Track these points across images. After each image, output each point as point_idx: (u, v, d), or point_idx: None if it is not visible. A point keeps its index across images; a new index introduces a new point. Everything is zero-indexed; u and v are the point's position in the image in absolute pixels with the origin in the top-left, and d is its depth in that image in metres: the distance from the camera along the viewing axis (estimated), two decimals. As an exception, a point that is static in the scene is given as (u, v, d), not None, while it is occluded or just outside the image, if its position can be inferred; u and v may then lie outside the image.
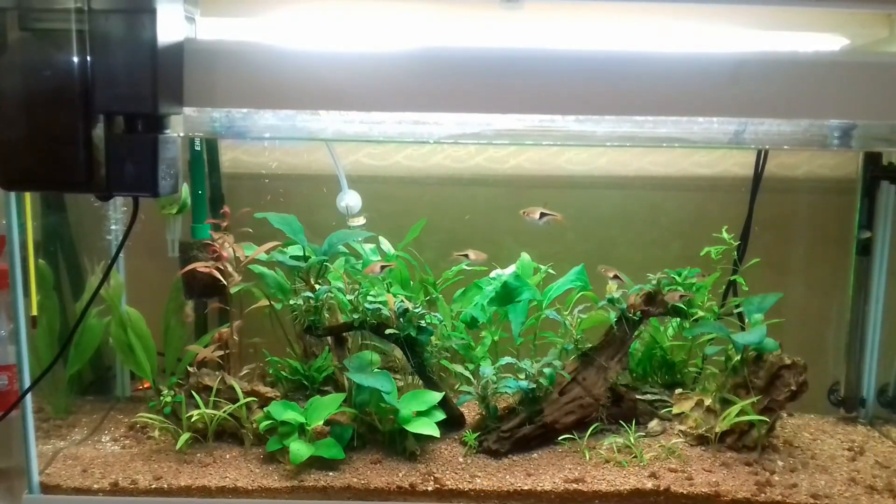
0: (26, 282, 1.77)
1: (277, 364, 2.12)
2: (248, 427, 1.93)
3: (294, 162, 2.34)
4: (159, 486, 1.78)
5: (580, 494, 1.77)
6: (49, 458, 1.89)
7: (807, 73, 1.48)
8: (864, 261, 2.19)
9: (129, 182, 1.39)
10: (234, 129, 1.56)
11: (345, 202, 2.24)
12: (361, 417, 1.94)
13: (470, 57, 1.48)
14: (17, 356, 1.75)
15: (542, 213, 1.96)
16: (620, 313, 2.01)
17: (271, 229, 2.09)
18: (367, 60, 1.47)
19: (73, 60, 1.32)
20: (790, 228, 2.38)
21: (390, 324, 1.94)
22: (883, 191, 2.15)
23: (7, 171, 1.40)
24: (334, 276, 2.14)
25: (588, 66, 1.48)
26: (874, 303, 2.17)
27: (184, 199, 2.10)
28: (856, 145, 1.58)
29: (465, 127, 1.56)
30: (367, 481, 1.79)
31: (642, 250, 2.35)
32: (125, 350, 2.10)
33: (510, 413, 1.98)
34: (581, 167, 2.38)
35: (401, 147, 2.36)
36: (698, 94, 1.49)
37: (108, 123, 1.37)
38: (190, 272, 2.03)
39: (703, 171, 2.38)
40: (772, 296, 2.06)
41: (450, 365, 2.13)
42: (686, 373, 2.22)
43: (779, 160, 2.34)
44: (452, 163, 2.38)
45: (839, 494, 1.79)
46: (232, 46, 1.48)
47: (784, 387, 1.93)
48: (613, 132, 1.55)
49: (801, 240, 2.38)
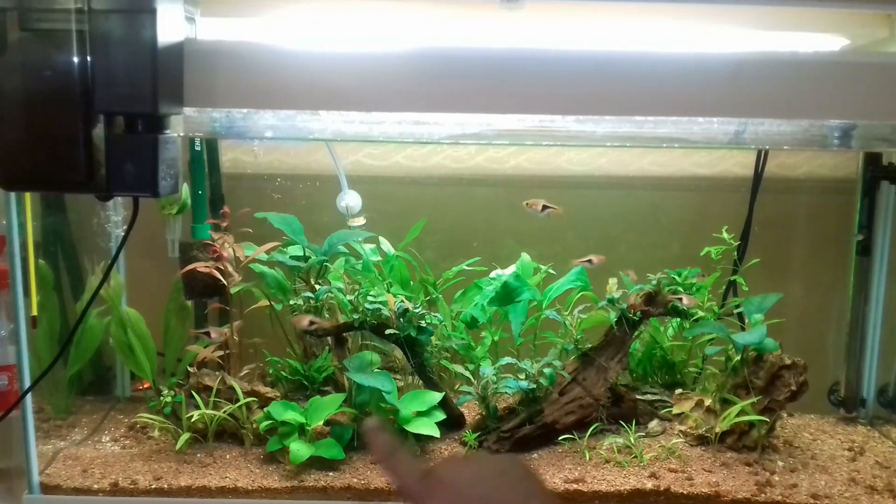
0: (26, 282, 1.77)
1: (277, 364, 2.12)
2: (248, 427, 1.93)
3: (294, 162, 2.34)
4: (159, 486, 1.78)
5: (580, 494, 1.77)
6: (49, 459, 1.89)
7: (807, 73, 1.48)
8: (865, 261, 2.19)
9: (129, 182, 1.39)
10: (235, 130, 1.56)
11: (345, 202, 2.24)
12: (362, 417, 1.94)
13: (470, 57, 1.47)
14: (17, 356, 1.74)
15: (544, 206, 1.97)
16: (620, 313, 2.01)
17: (272, 229, 2.09)
18: (367, 60, 1.47)
19: (74, 60, 1.32)
20: (790, 228, 2.38)
21: (390, 324, 1.94)
22: (883, 191, 2.15)
23: (7, 171, 1.39)
24: (334, 276, 2.14)
25: (588, 66, 1.48)
26: (874, 303, 2.17)
27: (184, 199, 2.10)
28: (856, 145, 1.58)
29: (465, 127, 1.56)
30: (367, 482, 1.79)
31: (642, 250, 2.35)
32: (125, 350, 2.10)
33: (510, 413, 1.98)
34: (581, 167, 2.38)
35: (401, 147, 2.36)
36: (698, 94, 1.49)
37: (109, 123, 1.36)
38: (190, 272, 2.03)
39: (704, 171, 2.38)
40: (772, 296, 2.06)
41: (450, 365, 2.13)
42: (686, 373, 2.22)
43: (779, 160, 2.34)
44: (452, 163, 2.38)
45: (839, 495, 1.79)
46: (232, 47, 1.48)
47: (784, 387, 1.93)
48: (614, 132, 1.55)
49: (801, 240, 2.37)
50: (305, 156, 2.34)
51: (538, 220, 2.02)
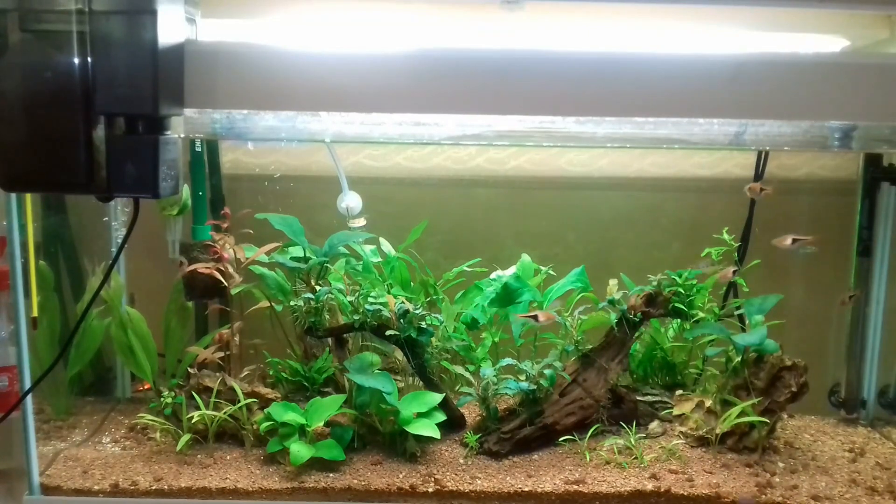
0: (27, 283, 1.77)
1: (278, 365, 2.12)
2: (248, 428, 1.93)
3: (294, 163, 2.34)
4: (160, 487, 1.78)
5: (581, 496, 1.77)
6: (49, 460, 1.89)
7: (807, 74, 1.48)
8: (865, 262, 2.19)
9: (129, 183, 1.39)
10: (235, 131, 1.56)
11: (345, 203, 2.24)
12: (362, 419, 1.94)
13: (470, 58, 1.48)
14: (17, 357, 1.75)
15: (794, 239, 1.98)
16: (621, 315, 2.01)
17: (272, 230, 2.09)
18: (367, 62, 1.47)
19: (74, 62, 1.33)
20: (791, 229, 2.37)
21: (391, 325, 1.94)
22: (883, 192, 2.15)
23: (8, 172, 1.40)
24: (335, 277, 2.14)
25: (588, 67, 1.48)
26: (875, 304, 2.17)
27: (184, 200, 2.10)
28: (856, 146, 1.58)
29: (465, 128, 1.56)
30: (367, 482, 1.79)
31: (643, 251, 2.35)
32: (126, 351, 2.10)
33: (511, 414, 1.98)
34: (582, 168, 2.38)
35: (401, 148, 2.36)
36: (699, 95, 1.49)
37: (109, 125, 1.36)
38: (191, 273, 2.03)
39: (704, 172, 2.38)
40: (772, 297, 2.06)
41: (450, 366, 2.13)
42: (687, 374, 2.22)
43: (779, 161, 2.34)
44: (453, 164, 2.38)
45: (840, 496, 1.78)
46: (232, 48, 1.48)
47: (785, 388, 1.93)
48: (614, 133, 1.55)
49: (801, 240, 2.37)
50: (306, 157, 2.34)
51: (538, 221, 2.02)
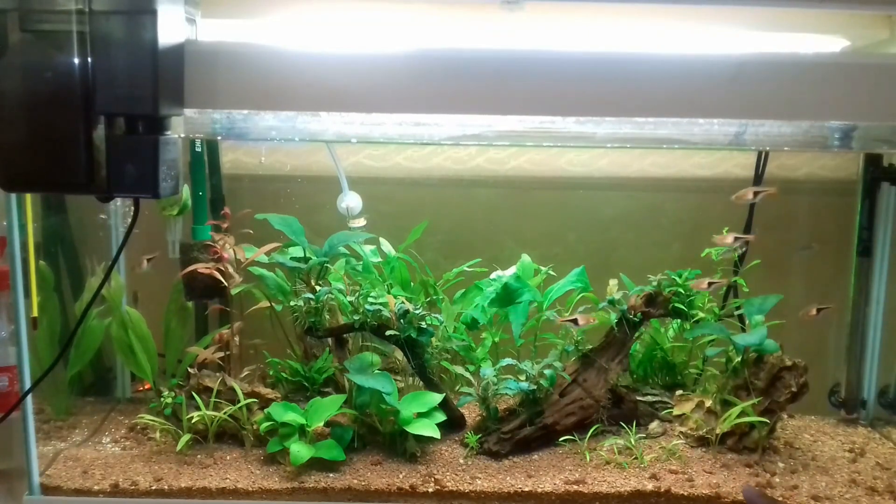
0: (27, 283, 1.77)
1: (278, 365, 2.12)
2: (248, 428, 1.93)
3: (295, 163, 2.34)
4: (160, 487, 1.78)
5: (581, 496, 1.77)
6: (49, 460, 1.89)
7: (807, 74, 1.48)
8: (865, 262, 2.19)
9: (129, 183, 1.39)
10: (235, 131, 1.56)
11: (345, 203, 2.24)
12: (362, 419, 1.94)
13: (470, 58, 1.48)
14: (17, 357, 1.75)
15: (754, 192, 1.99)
16: (621, 315, 2.01)
17: (272, 231, 2.09)
18: (367, 62, 1.47)
19: (74, 62, 1.32)
20: (791, 230, 2.38)
21: (391, 325, 1.94)
22: (883, 192, 2.15)
23: (8, 172, 1.39)
24: (335, 277, 2.14)
25: (588, 67, 1.48)
26: (875, 304, 2.17)
27: (184, 200, 2.10)
28: (856, 147, 1.58)
29: (465, 128, 1.56)
30: (367, 483, 1.79)
31: (643, 251, 2.35)
32: (126, 351, 2.10)
33: (511, 414, 1.98)
34: (582, 168, 2.38)
35: (401, 148, 2.36)
36: (699, 95, 1.49)
37: (109, 125, 1.36)
38: (191, 273, 2.03)
39: (704, 172, 2.38)
40: (772, 297, 2.06)
41: (450, 366, 2.13)
42: (687, 374, 2.21)
43: (779, 161, 2.34)
44: (453, 164, 2.38)
45: (840, 496, 1.78)
46: (233, 48, 1.48)
47: (785, 388, 1.92)
48: (614, 133, 1.55)
49: (801, 241, 2.37)
50: (306, 157, 2.34)
51: (538, 221, 2.02)
